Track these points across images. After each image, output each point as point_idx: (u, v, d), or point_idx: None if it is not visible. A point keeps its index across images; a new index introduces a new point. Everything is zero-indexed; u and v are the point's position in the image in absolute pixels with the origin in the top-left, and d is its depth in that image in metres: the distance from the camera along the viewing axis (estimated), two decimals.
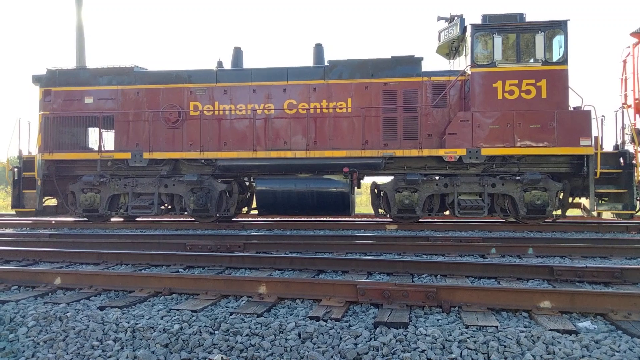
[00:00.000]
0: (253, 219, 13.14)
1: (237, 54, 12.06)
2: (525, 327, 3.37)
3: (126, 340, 3.31)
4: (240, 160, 10.99)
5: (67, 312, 3.76)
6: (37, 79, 12.04)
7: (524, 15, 10.31)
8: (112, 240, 7.93)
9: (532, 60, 10.19)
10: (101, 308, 3.97)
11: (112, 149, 11.70)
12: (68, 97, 11.83)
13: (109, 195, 11.46)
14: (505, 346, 2.92)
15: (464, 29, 10.91)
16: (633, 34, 11.83)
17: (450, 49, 12.08)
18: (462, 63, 11.36)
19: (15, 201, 11.60)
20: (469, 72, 10.48)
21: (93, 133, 12.39)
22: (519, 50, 10.20)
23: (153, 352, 3.15)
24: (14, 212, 12.18)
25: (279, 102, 11.21)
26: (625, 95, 12.37)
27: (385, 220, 11.63)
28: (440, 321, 3.55)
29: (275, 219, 13.10)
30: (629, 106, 11.98)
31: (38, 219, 12.55)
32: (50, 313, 3.73)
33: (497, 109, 10.11)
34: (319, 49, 11.72)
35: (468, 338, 3.03)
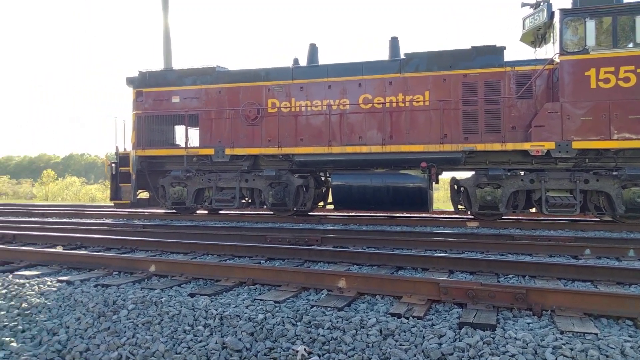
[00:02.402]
0: (329, 214, 13.26)
1: (313, 50, 12.19)
2: (630, 336, 3.08)
3: (215, 326, 3.49)
4: (317, 155, 11.13)
5: (162, 297, 4.04)
6: (130, 81, 13.01)
7: None
8: (198, 232, 8.38)
9: (631, 45, 9.28)
10: (192, 295, 4.22)
11: (197, 145, 12.36)
12: (157, 97, 12.66)
13: (194, 189, 12.13)
14: (607, 356, 2.69)
15: (551, 15, 10.17)
16: None
17: (536, 37, 11.32)
18: (549, 51, 10.62)
19: (113, 194, 12.66)
20: (557, 60, 9.77)
21: (180, 130, 13.20)
22: (616, 35, 9.33)
23: (240, 339, 3.29)
24: (113, 204, 13.29)
25: (354, 97, 11.19)
26: None
27: (465, 217, 11.22)
28: (530, 325, 3.36)
29: (350, 214, 13.13)
30: None
31: (133, 210, 13.60)
32: (147, 298, 4.02)
33: (590, 98, 9.34)
34: (394, 42, 11.53)
35: (563, 345, 2.84)
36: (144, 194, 13.13)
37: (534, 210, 10.52)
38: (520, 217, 11.47)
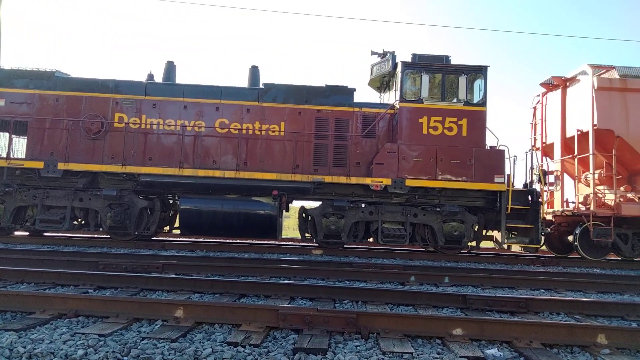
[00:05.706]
0: (175, 239, 12.61)
1: (170, 68, 11.75)
2: (438, 353, 3.49)
3: None
4: (166, 176, 10.58)
5: None
6: None
7: (450, 58, 11.06)
8: (14, 256, 7.23)
9: (455, 100, 10.89)
10: None
11: (23, 156, 10.80)
12: None
13: (14, 207, 10.51)
14: None
15: (395, 65, 11.45)
16: (542, 84, 13.10)
17: (382, 83, 12.62)
18: (391, 97, 11.87)
19: None
20: (397, 106, 10.96)
21: (2, 138, 11.39)
22: (444, 90, 10.87)
23: None
24: None
25: (211, 120, 11.01)
26: (535, 139, 13.61)
27: (311, 245, 11.66)
28: (358, 347, 3.58)
29: (198, 239, 12.68)
30: (538, 149, 13.18)
31: None
32: None
33: (422, 143, 10.63)
34: (254, 71, 11.74)
35: None
36: None
37: (371, 240, 11.42)
38: (360, 246, 12.34)
